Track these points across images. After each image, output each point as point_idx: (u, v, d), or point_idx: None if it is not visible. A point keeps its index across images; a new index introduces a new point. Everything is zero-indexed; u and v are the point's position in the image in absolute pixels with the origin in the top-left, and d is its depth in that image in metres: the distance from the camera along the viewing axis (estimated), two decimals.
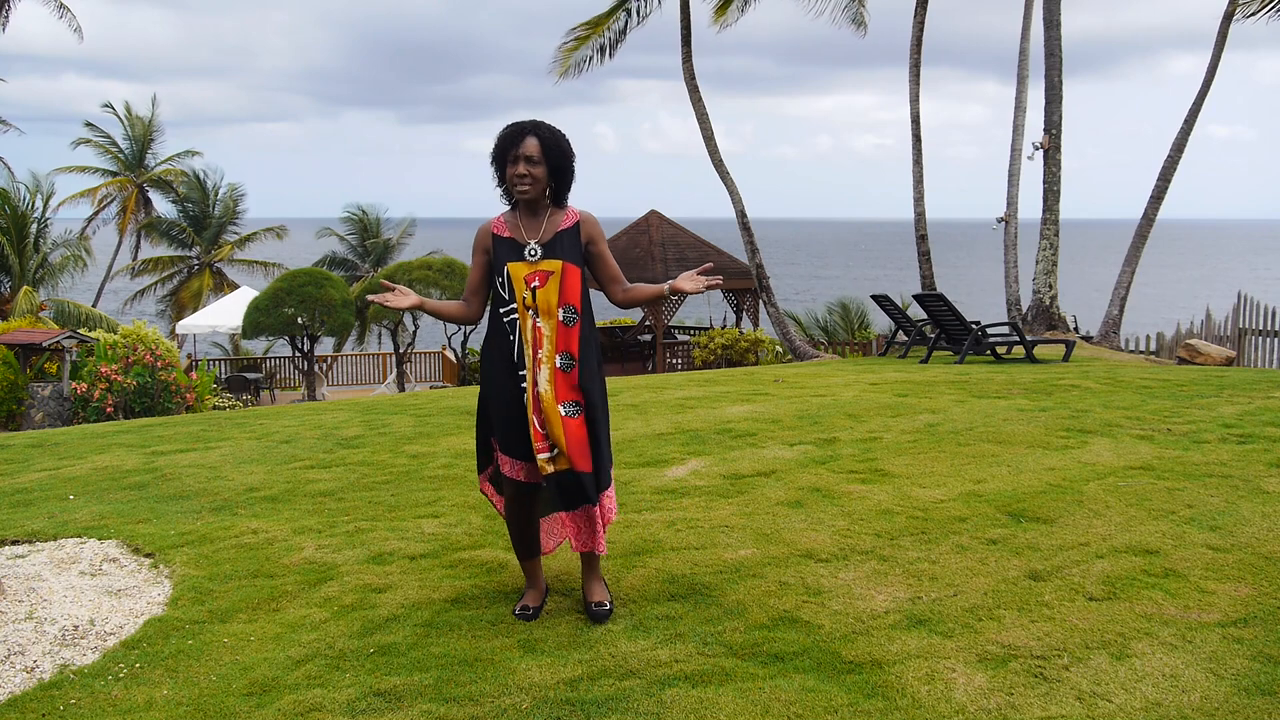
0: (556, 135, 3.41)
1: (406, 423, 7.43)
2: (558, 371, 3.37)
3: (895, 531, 4.21)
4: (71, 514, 4.94)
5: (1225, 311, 15.08)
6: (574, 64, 21.57)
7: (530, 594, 3.57)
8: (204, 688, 3.01)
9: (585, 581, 3.56)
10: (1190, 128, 16.89)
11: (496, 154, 3.43)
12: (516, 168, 3.37)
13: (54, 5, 27.19)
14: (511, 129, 3.40)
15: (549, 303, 3.38)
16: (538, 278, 3.39)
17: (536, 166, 3.37)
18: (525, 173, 3.36)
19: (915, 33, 18.15)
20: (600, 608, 3.46)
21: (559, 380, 3.37)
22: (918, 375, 10.17)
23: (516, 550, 3.59)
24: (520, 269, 3.39)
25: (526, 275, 3.39)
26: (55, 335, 15.54)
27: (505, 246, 3.43)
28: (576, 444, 3.35)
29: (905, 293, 18.81)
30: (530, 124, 3.41)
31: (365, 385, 25.69)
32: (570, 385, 3.38)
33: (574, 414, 3.37)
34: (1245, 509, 4.41)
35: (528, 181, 3.38)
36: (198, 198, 34.00)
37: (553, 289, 3.38)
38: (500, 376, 3.42)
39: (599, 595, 3.51)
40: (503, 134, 3.41)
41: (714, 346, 20.77)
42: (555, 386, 3.36)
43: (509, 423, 3.40)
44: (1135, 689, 2.83)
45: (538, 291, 3.38)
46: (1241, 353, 14.24)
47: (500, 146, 3.41)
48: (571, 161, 3.44)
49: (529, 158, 3.36)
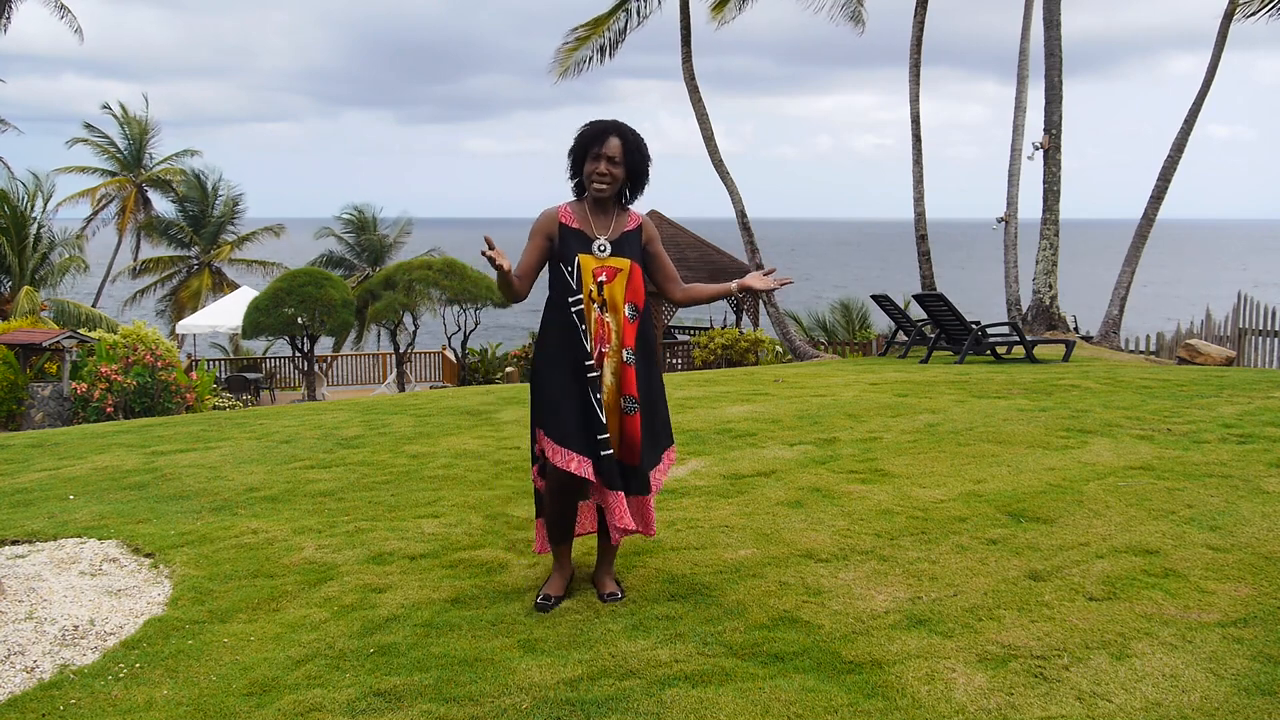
0: (639, 139, 3.50)
1: (406, 423, 7.43)
2: (622, 365, 3.46)
3: (895, 531, 4.21)
4: (71, 514, 4.94)
5: (1225, 311, 15.08)
6: (574, 64, 21.57)
7: (556, 582, 3.59)
8: (204, 688, 3.01)
9: (599, 573, 3.65)
10: (1190, 128, 16.89)
11: (578, 148, 3.50)
12: (598, 165, 3.44)
13: (54, 5, 27.20)
14: (597, 126, 3.47)
15: (615, 298, 3.46)
16: (605, 272, 3.45)
17: (617, 167, 3.46)
18: (606, 171, 3.44)
19: (915, 33, 18.15)
20: (613, 598, 3.55)
21: (622, 374, 3.45)
22: (918, 375, 10.17)
23: (551, 534, 3.62)
24: (589, 261, 3.45)
25: (594, 269, 3.45)
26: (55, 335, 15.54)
27: (574, 237, 3.48)
28: (629, 440, 3.45)
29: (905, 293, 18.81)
30: (614, 124, 3.48)
31: (365, 385, 25.69)
32: (631, 381, 3.46)
33: (631, 410, 3.46)
34: (1245, 509, 4.41)
35: (607, 180, 3.45)
36: (196, 197, 33.99)
37: (620, 285, 3.46)
38: (565, 367, 3.44)
39: (611, 587, 3.60)
40: (587, 130, 3.48)
41: (714, 346, 20.77)
42: (619, 380, 3.45)
43: (570, 413, 3.41)
44: (1135, 689, 2.83)
45: (604, 286, 3.45)
46: (1241, 353, 14.24)
47: (584, 142, 3.48)
48: (649, 166, 3.54)
49: (611, 158, 3.44)
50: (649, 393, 3.53)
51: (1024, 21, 17.48)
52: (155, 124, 35.89)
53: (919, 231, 18.07)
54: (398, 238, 35.59)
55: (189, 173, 34.68)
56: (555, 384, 3.44)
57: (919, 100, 18.07)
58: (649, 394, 3.53)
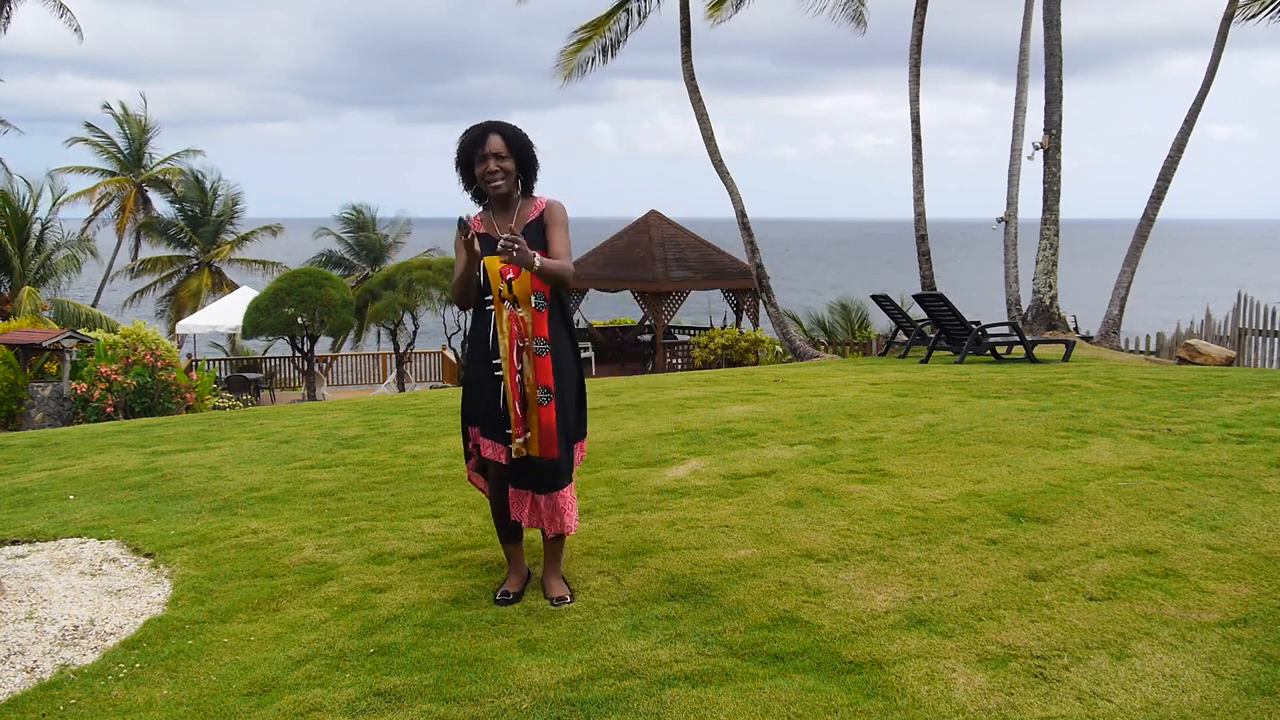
0: (516, 129, 3.58)
1: (406, 423, 7.43)
2: (535, 357, 3.52)
3: (895, 531, 4.21)
4: (71, 514, 4.94)
5: (1225, 311, 15.08)
6: (577, 66, 21.57)
7: (512, 579, 3.68)
8: (204, 688, 3.01)
9: (545, 577, 3.67)
10: (1190, 128, 16.89)
11: (462, 158, 3.57)
12: (486, 165, 3.52)
13: (54, 5, 27.20)
14: (472, 132, 3.55)
15: (525, 292, 3.52)
16: (512, 270, 3.50)
17: (505, 161, 3.53)
18: (496, 168, 3.52)
19: (915, 33, 18.15)
20: (561, 602, 3.55)
21: (537, 366, 3.52)
22: (918, 375, 10.17)
23: (500, 534, 3.71)
24: (495, 262, 3.51)
25: (501, 268, 3.51)
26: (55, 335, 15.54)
27: (483, 241, 3.56)
28: (546, 431, 3.51)
29: (905, 293, 18.81)
30: (489, 124, 3.56)
31: (365, 385, 25.70)
32: (545, 371, 3.53)
33: (546, 401, 3.52)
34: (1245, 509, 4.41)
35: (500, 176, 3.53)
36: (196, 197, 33.99)
37: (526, 278, 3.51)
38: (479, 364, 3.59)
39: (559, 590, 3.61)
40: (464, 138, 3.56)
41: (714, 346, 20.77)
42: (536, 372, 3.51)
43: (488, 408, 3.55)
44: (1135, 689, 2.83)
45: (513, 282, 3.51)
46: (1241, 353, 14.24)
47: (465, 150, 3.56)
48: (534, 152, 3.61)
49: (497, 154, 3.52)
50: (565, 383, 3.59)
51: (1024, 21, 17.47)
52: (155, 124, 35.94)
53: (919, 231, 18.07)
54: (397, 237, 35.60)
55: (188, 172, 34.69)
56: (477, 381, 3.59)
57: (919, 100, 18.06)
58: (565, 384, 3.59)
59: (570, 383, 3.63)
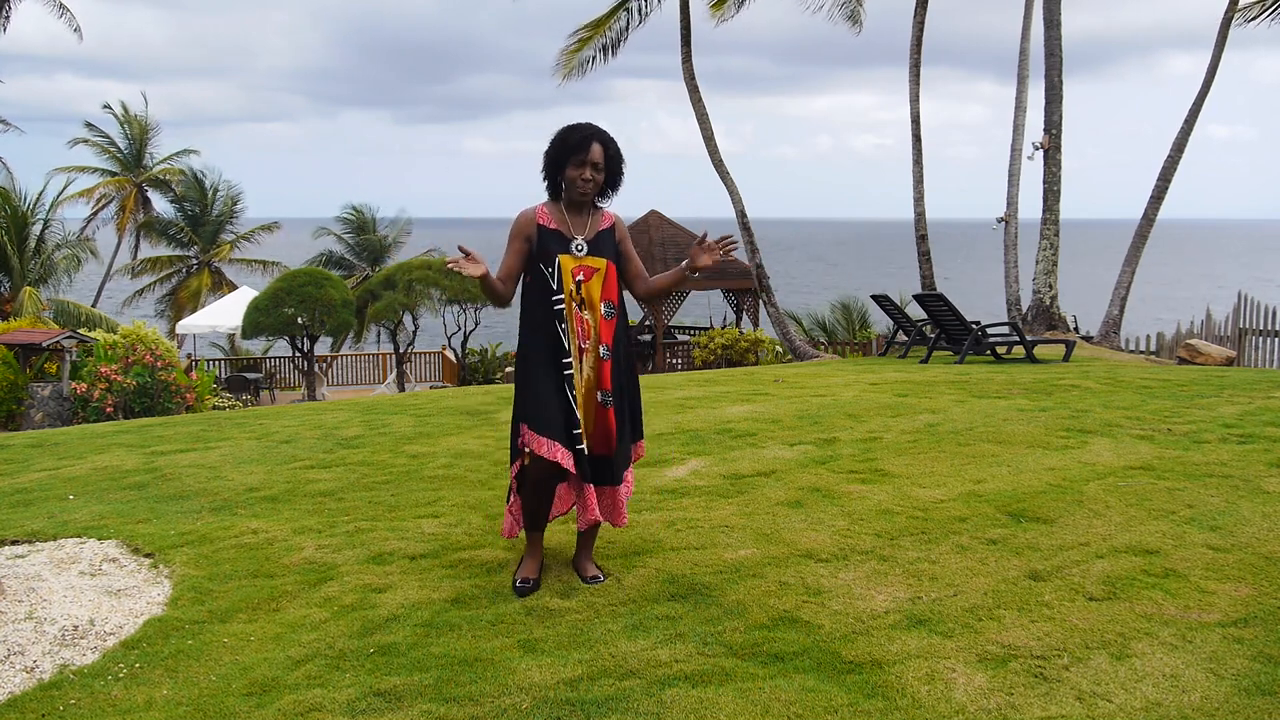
0: (617, 146, 3.64)
1: (406, 423, 7.42)
2: (599, 361, 3.60)
3: (895, 531, 4.21)
4: (71, 514, 4.94)
5: (1225, 311, 15.08)
6: (577, 65, 21.56)
7: (530, 565, 3.73)
8: (204, 688, 3.01)
9: (579, 559, 3.79)
10: (1190, 128, 16.89)
11: (559, 153, 3.58)
12: (583, 171, 3.55)
13: (54, 4, 27.19)
14: (579, 132, 3.56)
15: (593, 296, 3.59)
16: (582, 272, 3.58)
17: (600, 173, 3.59)
18: (591, 178, 3.56)
19: (915, 33, 18.15)
20: (595, 580, 3.69)
21: (600, 369, 3.60)
22: (918, 375, 10.17)
23: (527, 521, 3.75)
24: (569, 261, 3.57)
25: (573, 268, 3.57)
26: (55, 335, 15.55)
27: (552, 238, 3.60)
28: (603, 432, 3.61)
29: (905, 293, 18.81)
30: (595, 130, 3.58)
31: (365, 385, 25.70)
32: (607, 375, 3.61)
33: (607, 404, 3.61)
34: (1245, 509, 4.41)
35: (591, 185, 3.58)
36: (195, 197, 33.98)
37: (597, 284, 3.59)
38: (546, 363, 3.58)
39: (593, 571, 3.75)
40: (570, 136, 3.56)
41: (714, 346, 20.77)
42: (597, 375, 3.60)
43: (551, 407, 3.55)
44: (1135, 689, 2.83)
45: (583, 285, 3.58)
46: (1241, 353, 14.24)
47: (566, 147, 3.56)
48: (624, 170, 3.67)
49: (595, 164, 3.56)
50: (625, 387, 3.71)
51: (1024, 21, 17.47)
52: (155, 123, 35.93)
53: (919, 231, 18.07)
54: (397, 237, 35.59)
55: (188, 172, 34.68)
56: (539, 380, 3.58)
57: (919, 100, 18.06)
58: (625, 388, 3.71)
59: (631, 388, 3.75)
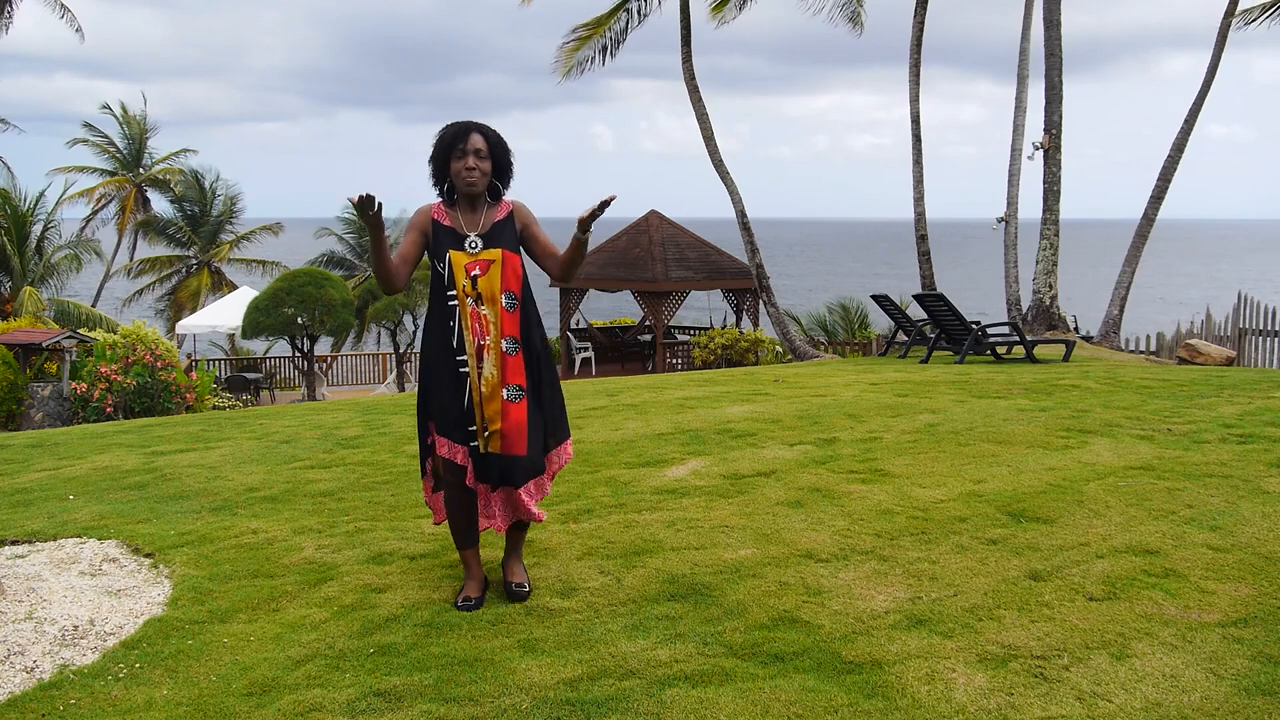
0: (498, 134, 3.61)
1: (406, 423, 7.42)
2: (503, 355, 3.51)
3: (895, 531, 4.21)
4: (71, 514, 4.94)
5: (1225, 311, 15.08)
6: (576, 64, 21.56)
7: (471, 584, 3.63)
8: (204, 688, 3.01)
9: (506, 561, 3.70)
10: (1190, 128, 16.89)
11: (440, 151, 3.57)
12: (465, 161, 3.52)
13: (54, 4, 27.19)
14: (456, 127, 3.56)
15: (492, 289, 3.52)
16: (478, 266, 3.52)
17: (484, 161, 3.55)
18: (474, 166, 3.53)
19: (915, 32, 18.14)
20: (520, 589, 3.59)
21: (505, 364, 3.51)
22: (918, 375, 10.17)
23: (456, 539, 3.68)
24: (461, 258, 3.52)
25: (467, 264, 3.52)
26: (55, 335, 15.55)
27: (446, 235, 3.57)
28: (514, 428, 3.50)
29: (905, 293, 18.80)
30: (472, 123, 3.58)
31: (365, 385, 25.69)
32: (515, 369, 3.52)
33: (517, 398, 3.52)
34: (1245, 509, 4.41)
35: (476, 174, 3.54)
36: (194, 196, 33.97)
37: (495, 276, 3.52)
38: (441, 361, 3.55)
39: (519, 576, 3.65)
40: (446, 132, 3.57)
41: (714, 346, 20.76)
42: (501, 370, 3.50)
43: (449, 407, 3.52)
44: (1135, 689, 2.83)
45: (479, 279, 3.51)
46: (1241, 353, 14.24)
47: (446, 143, 3.56)
48: (511, 158, 3.64)
49: (477, 151, 3.53)
50: (538, 381, 3.60)
51: (1024, 21, 17.48)
52: (154, 123, 35.93)
53: (919, 231, 18.07)
54: (397, 238, 35.55)
55: (187, 172, 34.67)
56: (437, 377, 3.56)
57: (919, 100, 18.06)
58: (538, 382, 3.60)
59: (548, 381, 3.64)
